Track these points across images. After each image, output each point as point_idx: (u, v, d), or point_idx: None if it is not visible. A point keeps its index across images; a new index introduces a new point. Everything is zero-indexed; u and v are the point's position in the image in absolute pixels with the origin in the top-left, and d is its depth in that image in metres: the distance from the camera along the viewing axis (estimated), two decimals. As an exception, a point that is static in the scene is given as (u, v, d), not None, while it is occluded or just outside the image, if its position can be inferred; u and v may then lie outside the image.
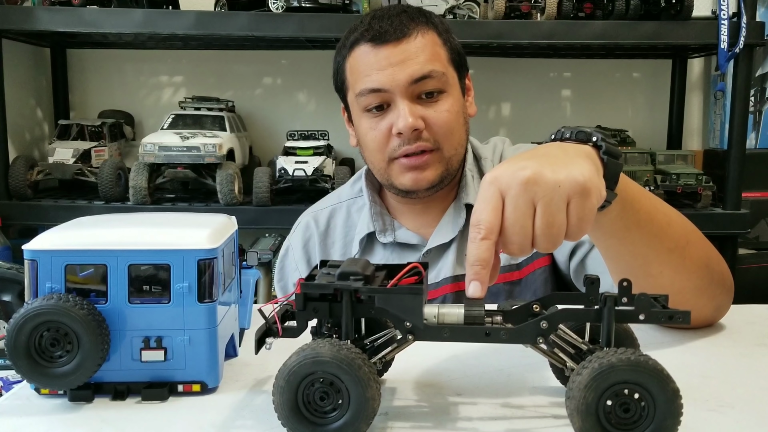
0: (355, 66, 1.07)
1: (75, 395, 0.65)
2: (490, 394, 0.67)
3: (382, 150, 1.07)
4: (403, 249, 1.15)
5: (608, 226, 0.77)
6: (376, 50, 1.04)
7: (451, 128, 1.06)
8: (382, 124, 1.06)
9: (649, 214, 0.78)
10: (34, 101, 2.18)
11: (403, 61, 1.03)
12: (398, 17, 1.05)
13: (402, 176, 1.08)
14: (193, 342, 0.65)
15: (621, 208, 0.74)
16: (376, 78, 1.04)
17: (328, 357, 0.55)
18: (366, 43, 1.05)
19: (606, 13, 1.77)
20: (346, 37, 1.09)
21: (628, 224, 0.77)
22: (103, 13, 1.77)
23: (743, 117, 1.80)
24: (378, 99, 1.05)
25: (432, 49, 1.05)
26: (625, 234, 0.78)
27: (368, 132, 1.08)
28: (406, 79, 1.03)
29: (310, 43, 1.96)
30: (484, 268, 0.60)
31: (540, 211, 0.61)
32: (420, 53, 1.04)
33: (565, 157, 0.65)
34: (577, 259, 1.08)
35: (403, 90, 1.03)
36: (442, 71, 1.05)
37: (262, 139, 2.22)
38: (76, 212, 1.75)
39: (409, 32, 1.04)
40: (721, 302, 0.88)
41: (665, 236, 0.80)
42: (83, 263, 0.64)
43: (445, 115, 1.05)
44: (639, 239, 0.79)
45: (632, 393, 0.53)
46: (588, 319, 0.59)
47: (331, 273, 0.61)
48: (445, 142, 1.06)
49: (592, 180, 0.63)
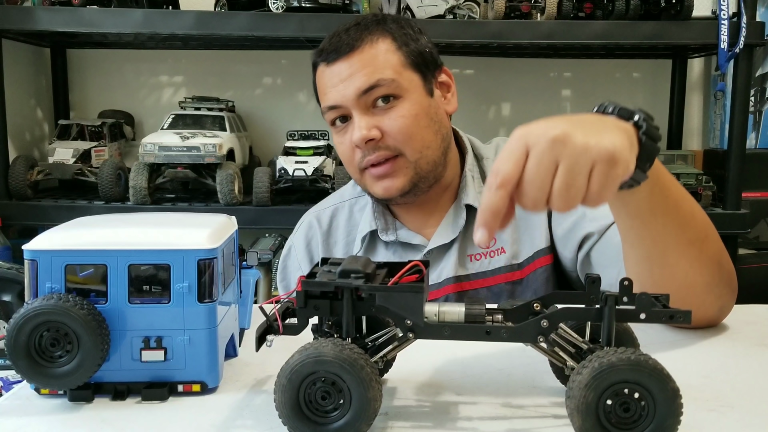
0: (319, 85, 1.12)
1: (75, 395, 0.65)
2: (490, 394, 0.67)
3: (351, 162, 1.10)
4: (405, 248, 1.15)
5: (635, 207, 0.77)
6: (330, 68, 1.07)
7: (409, 133, 1.05)
8: (346, 138, 1.08)
9: (676, 202, 0.79)
10: (34, 101, 2.18)
11: (351, 75, 1.05)
12: (347, 32, 1.07)
13: (374, 186, 1.09)
14: (193, 342, 0.65)
15: (650, 191, 0.74)
16: (330, 96, 1.07)
17: (330, 357, 0.55)
18: (322, 63, 1.09)
19: (606, 13, 1.77)
20: (312, 58, 1.13)
21: (654, 208, 0.77)
22: (103, 13, 1.77)
23: (743, 117, 1.80)
24: (337, 114, 1.08)
25: (383, 56, 1.05)
26: (650, 218, 0.78)
27: (338, 146, 1.11)
28: (354, 93, 1.04)
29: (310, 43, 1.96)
30: (494, 216, 0.61)
31: (562, 170, 0.61)
32: (368, 64, 1.04)
33: (601, 126, 0.66)
34: (584, 252, 1.08)
35: (354, 103, 1.05)
36: (391, 78, 1.04)
37: (262, 139, 2.22)
38: (76, 212, 1.75)
39: (357, 45, 1.05)
40: (725, 302, 0.88)
41: (688, 228, 0.81)
42: (83, 263, 0.64)
43: (399, 121, 1.05)
44: (663, 226, 0.79)
45: (632, 392, 0.53)
46: (589, 318, 0.59)
47: (332, 271, 0.61)
48: (406, 146, 1.06)
49: (622, 152, 0.63)
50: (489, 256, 1.12)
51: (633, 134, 0.68)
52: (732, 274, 0.87)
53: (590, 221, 1.07)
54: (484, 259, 1.12)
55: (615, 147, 0.62)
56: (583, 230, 1.07)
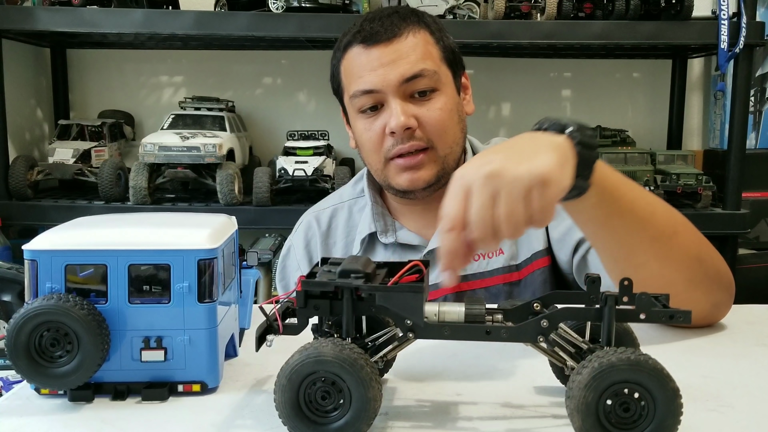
0: (348, 68, 1.08)
1: (75, 395, 0.65)
2: (490, 394, 0.67)
3: (378, 150, 1.07)
4: (405, 250, 1.15)
5: (589, 214, 0.80)
6: (368, 51, 1.04)
7: (444, 126, 1.06)
8: (377, 125, 1.06)
9: (631, 202, 0.81)
10: (34, 101, 2.18)
11: (394, 61, 1.03)
12: (389, 18, 1.06)
13: (398, 177, 1.08)
14: (193, 342, 0.65)
15: (600, 196, 0.76)
16: (368, 79, 1.04)
17: (330, 357, 0.55)
18: (358, 45, 1.05)
19: (606, 13, 1.77)
20: (339, 40, 1.10)
21: (608, 212, 0.79)
22: (103, 13, 1.76)
23: (743, 117, 1.80)
24: (371, 100, 1.06)
25: (423, 47, 1.05)
26: (606, 221, 0.81)
27: (363, 133, 1.08)
28: (397, 79, 1.03)
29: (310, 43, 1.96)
30: (453, 258, 0.65)
31: (501, 201, 0.65)
32: (411, 52, 1.04)
33: (533, 149, 0.69)
34: (579, 255, 1.08)
35: (395, 89, 1.03)
36: (433, 69, 1.05)
37: (262, 139, 2.22)
38: (76, 212, 1.75)
39: (399, 32, 1.04)
40: (718, 299, 0.88)
41: (649, 225, 0.82)
42: (83, 263, 0.64)
43: (437, 113, 1.05)
44: (621, 227, 0.81)
45: (632, 392, 0.53)
46: (588, 318, 0.59)
47: (332, 271, 0.61)
48: (439, 140, 1.06)
49: (552, 171, 0.67)
50: (487, 257, 1.12)
51: (567, 147, 0.72)
52: (720, 268, 0.87)
53: None
54: (482, 260, 1.12)
55: (544, 169, 0.66)
56: (577, 234, 1.08)
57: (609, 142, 1.96)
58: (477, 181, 0.66)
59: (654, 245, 0.82)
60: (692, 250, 0.85)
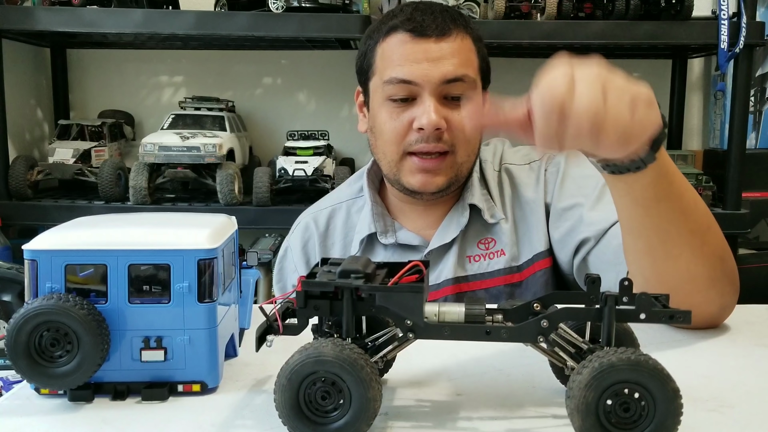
0: (388, 52, 1.06)
1: (75, 395, 0.65)
2: (490, 394, 0.67)
3: (399, 142, 1.06)
4: (404, 250, 1.14)
5: (639, 193, 0.78)
6: (414, 42, 1.03)
7: (469, 135, 1.07)
8: (404, 116, 1.05)
9: (680, 190, 0.80)
10: (34, 101, 2.18)
11: (439, 59, 1.03)
12: (441, 15, 1.05)
13: (411, 176, 1.07)
14: (193, 342, 0.65)
15: (656, 177, 0.75)
16: (408, 69, 1.03)
17: (330, 357, 0.55)
18: (405, 32, 1.04)
19: (606, 13, 1.77)
20: (383, 22, 1.08)
21: (658, 195, 0.78)
22: (103, 13, 1.77)
23: (743, 117, 1.80)
24: (405, 91, 1.04)
25: (467, 54, 1.06)
26: (653, 204, 0.79)
27: (387, 121, 1.07)
28: (439, 78, 1.02)
29: (310, 43, 1.96)
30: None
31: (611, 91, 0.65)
32: (456, 55, 1.04)
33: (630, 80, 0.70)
34: (580, 257, 1.08)
35: (433, 87, 1.03)
36: (473, 78, 1.06)
37: (262, 139, 2.22)
38: (76, 212, 1.75)
39: (449, 32, 1.04)
40: (727, 301, 0.88)
41: (690, 217, 0.81)
42: (83, 263, 0.64)
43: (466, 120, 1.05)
44: (665, 213, 0.79)
45: (632, 392, 0.53)
46: (589, 319, 0.59)
47: (332, 271, 0.61)
48: (461, 147, 1.07)
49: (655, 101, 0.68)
50: (488, 258, 1.12)
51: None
52: (734, 272, 0.87)
53: (587, 226, 1.07)
54: (483, 260, 1.12)
55: (651, 94, 0.68)
56: (579, 235, 1.07)
57: (609, 142, 1.96)
58: (586, 71, 0.66)
59: (690, 238, 0.81)
60: (719, 249, 0.85)
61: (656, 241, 0.81)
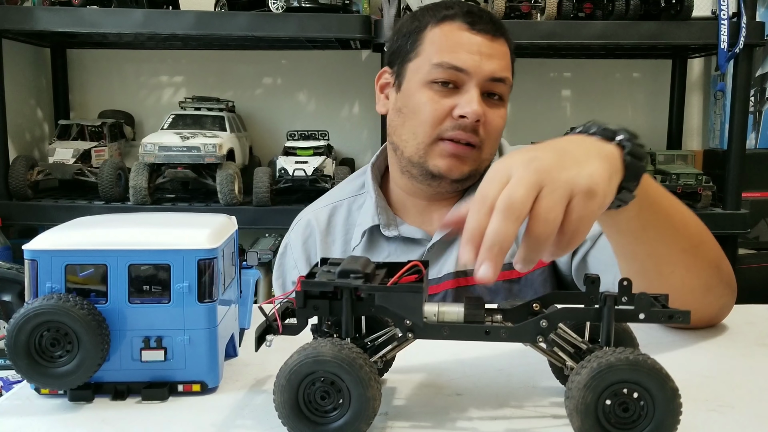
0: (441, 37, 1.09)
1: (75, 395, 0.65)
2: (490, 394, 0.67)
3: (435, 125, 1.08)
4: (408, 243, 1.15)
5: (625, 225, 0.77)
6: (472, 34, 1.07)
7: (498, 134, 1.11)
8: (446, 102, 1.07)
9: (667, 214, 0.79)
10: (34, 101, 2.18)
11: (491, 56, 1.07)
12: (491, 18, 1.11)
13: (441, 159, 1.09)
14: (193, 342, 0.65)
15: (639, 209, 0.73)
16: (463, 57, 1.06)
17: (329, 356, 0.55)
18: (464, 23, 1.08)
19: (606, 13, 1.77)
20: (436, 9, 1.11)
21: (645, 224, 0.77)
22: (103, 13, 1.77)
23: (743, 117, 1.80)
24: (453, 77, 1.07)
25: (508, 61, 1.11)
26: (641, 233, 0.78)
27: (427, 104, 1.08)
28: (488, 72, 1.06)
29: (310, 43, 1.96)
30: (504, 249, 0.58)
31: (544, 194, 0.60)
32: (503, 58, 1.09)
33: (579, 155, 0.64)
34: (579, 257, 1.08)
35: (481, 80, 1.07)
36: (510, 83, 1.11)
37: (262, 139, 2.22)
38: (76, 212, 1.75)
39: (500, 35, 1.10)
40: (726, 302, 0.88)
41: (680, 237, 0.80)
42: (83, 263, 0.64)
43: (499, 120, 1.10)
44: (655, 239, 0.79)
45: (631, 392, 0.53)
46: (588, 319, 0.59)
47: (332, 271, 0.61)
48: (489, 143, 1.10)
49: (599, 184, 0.62)
50: None
51: (616, 156, 0.67)
52: (731, 274, 0.87)
53: None
54: None
55: (593, 180, 0.62)
56: None
57: (609, 142, 1.96)
58: (521, 170, 0.61)
59: (683, 255, 0.81)
60: (714, 259, 0.84)
61: (648, 264, 0.81)
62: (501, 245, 0.58)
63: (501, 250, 0.58)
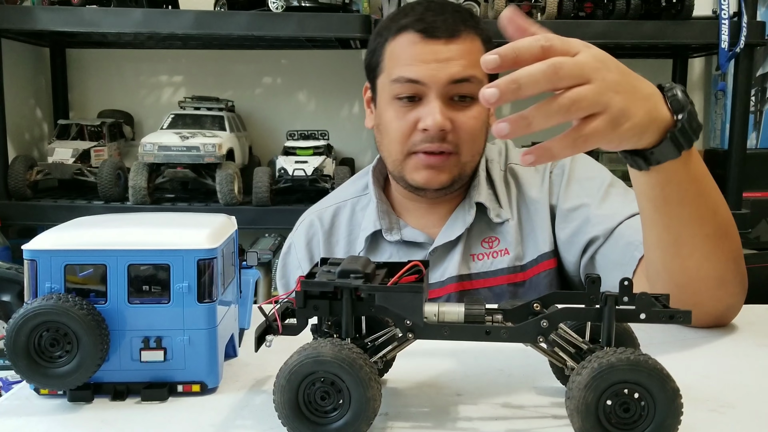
0: (397, 51, 1.07)
1: (74, 395, 0.65)
2: (490, 394, 0.67)
3: (403, 141, 1.07)
4: (410, 247, 1.14)
5: (646, 188, 0.78)
6: (424, 42, 1.04)
7: (474, 135, 1.07)
8: (410, 116, 1.06)
9: (697, 195, 0.79)
10: (33, 101, 2.18)
11: (447, 60, 1.03)
12: (452, 15, 1.06)
13: (416, 172, 1.08)
14: (192, 342, 0.65)
15: (664, 180, 0.75)
16: (417, 69, 1.04)
17: (329, 357, 0.55)
18: (415, 33, 1.05)
19: (606, 13, 1.77)
20: (392, 20, 1.09)
21: (667, 197, 0.77)
22: (103, 12, 1.77)
23: (744, 117, 1.80)
24: (412, 90, 1.05)
25: (476, 55, 1.05)
26: (662, 205, 0.78)
27: (393, 120, 1.07)
28: (446, 79, 1.03)
29: (310, 43, 1.96)
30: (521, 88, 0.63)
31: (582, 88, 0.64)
32: (465, 56, 1.04)
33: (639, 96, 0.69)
34: (588, 256, 1.08)
35: (440, 88, 1.04)
36: (480, 79, 1.05)
37: (262, 139, 2.22)
38: (76, 212, 1.75)
39: (459, 34, 1.05)
40: (735, 302, 0.88)
41: (706, 221, 0.80)
42: (83, 263, 0.64)
43: (472, 121, 1.06)
44: (676, 216, 0.79)
45: (632, 393, 0.53)
46: (589, 319, 0.59)
47: (332, 271, 0.61)
48: (466, 147, 1.07)
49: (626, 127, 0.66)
50: (492, 257, 1.12)
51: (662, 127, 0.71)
52: (745, 274, 0.87)
53: (594, 225, 1.07)
54: (486, 259, 1.12)
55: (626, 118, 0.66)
56: (587, 234, 1.07)
57: (609, 142, 1.96)
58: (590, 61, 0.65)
59: (704, 241, 0.81)
60: (734, 253, 0.84)
61: (667, 239, 0.81)
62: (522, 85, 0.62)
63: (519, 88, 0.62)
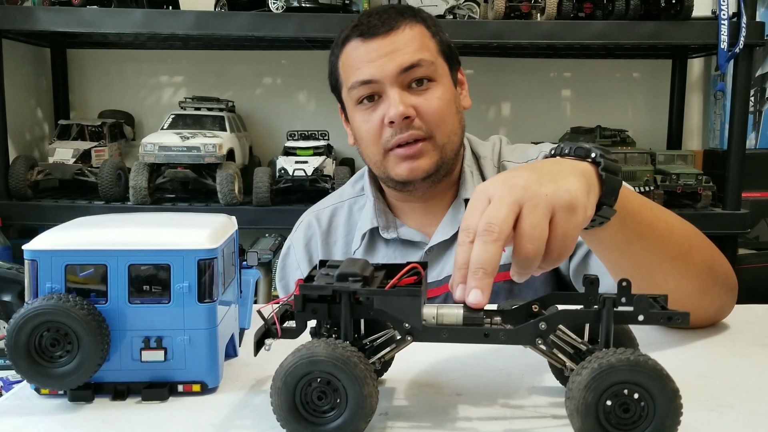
0: (346, 62, 1.09)
1: (75, 395, 0.65)
2: (490, 394, 0.67)
3: (377, 142, 1.08)
4: (406, 246, 1.15)
5: (609, 241, 0.77)
6: (366, 44, 1.06)
7: (442, 115, 1.07)
8: (375, 116, 1.07)
9: (650, 224, 0.78)
10: (34, 101, 2.18)
11: (392, 52, 1.05)
12: (386, 12, 1.08)
13: (398, 167, 1.08)
14: (193, 342, 0.65)
15: (621, 222, 0.73)
16: (366, 70, 1.06)
17: (323, 356, 0.55)
18: (356, 39, 1.07)
19: (606, 13, 1.77)
20: (337, 37, 1.12)
21: (629, 237, 0.77)
22: (103, 13, 1.77)
23: (743, 117, 1.80)
24: (369, 90, 1.07)
25: (420, 40, 1.07)
26: (626, 246, 0.78)
27: (362, 125, 1.09)
28: (395, 69, 1.04)
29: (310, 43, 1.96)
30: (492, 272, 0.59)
31: (526, 211, 0.61)
32: (409, 43, 1.06)
33: (556, 172, 0.66)
34: (577, 259, 1.08)
35: (393, 79, 1.05)
36: (431, 60, 1.07)
37: (262, 139, 2.22)
38: (76, 212, 1.75)
39: (397, 25, 1.06)
40: (724, 302, 0.88)
41: (668, 245, 0.80)
42: (83, 263, 0.64)
43: (435, 102, 1.06)
44: (641, 250, 0.78)
45: (632, 393, 0.53)
46: (587, 320, 0.59)
47: (330, 274, 0.61)
48: (437, 129, 1.07)
49: (578, 198, 0.64)
50: None
51: (592, 173, 0.69)
52: (728, 273, 0.87)
53: None
54: None
55: (571, 194, 0.63)
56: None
57: (609, 142, 1.96)
58: (500, 190, 0.62)
59: (673, 263, 0.80)
60: (706, 262, 0.84)
61: (638, 275, 0.79)
62: (485, 269, 0.59)
63: (486, 274, 0.59)
